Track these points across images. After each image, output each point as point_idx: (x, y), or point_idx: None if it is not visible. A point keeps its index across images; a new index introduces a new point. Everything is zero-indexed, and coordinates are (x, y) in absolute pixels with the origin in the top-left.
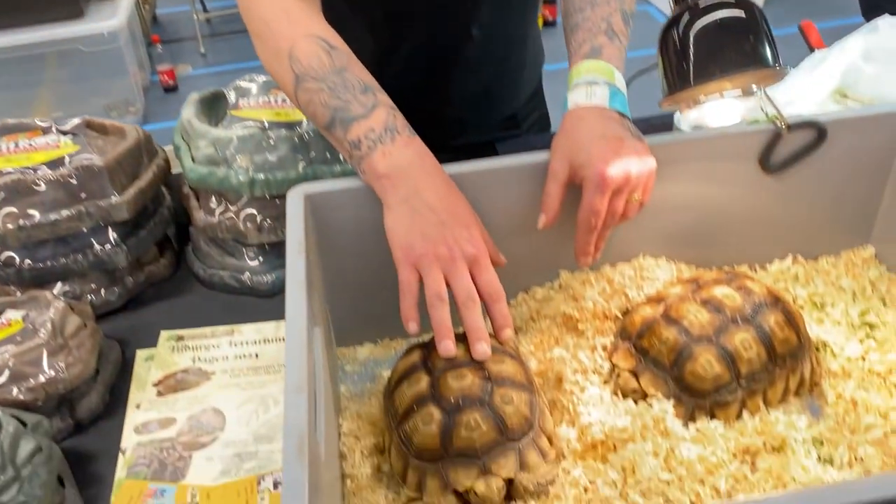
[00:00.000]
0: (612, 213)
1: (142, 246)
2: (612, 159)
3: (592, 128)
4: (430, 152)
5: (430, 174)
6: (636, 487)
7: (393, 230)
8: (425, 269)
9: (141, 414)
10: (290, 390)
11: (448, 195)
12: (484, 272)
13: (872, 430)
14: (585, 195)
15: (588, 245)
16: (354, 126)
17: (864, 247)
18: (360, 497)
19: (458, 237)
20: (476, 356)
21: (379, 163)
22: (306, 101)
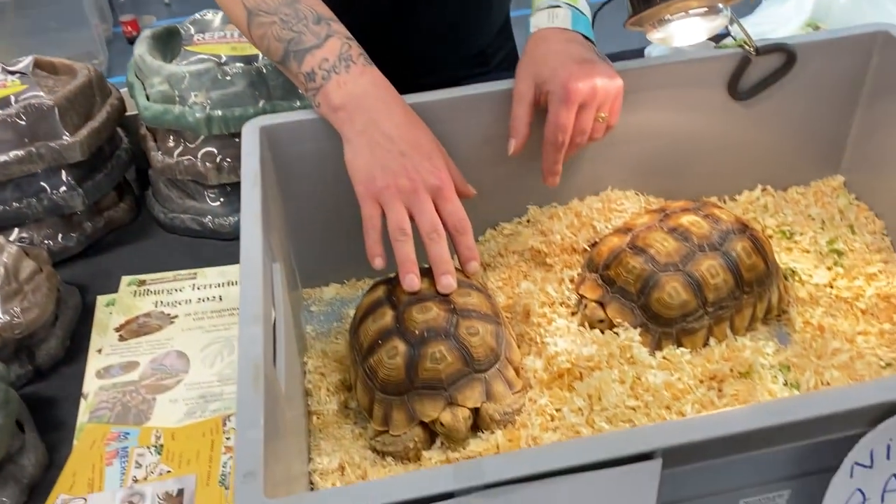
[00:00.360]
0: (579, 130)
1: (99, 189)
2: (578, 72)
3: (556, 48)
4: (386, 80)
5: (388, 103)
6: (602, 414)
7: (352, 164)
8: (387, 203)
9: (102, 359)
10: (244, 321)
11: (407, 124)
12: (448, 203)
13: (839, 354)
14: (551, 109)
15: (556, 164)
16: (308, 57)
17: (834, 176)
18: (327, 433)
19: (420, 168)
20: (441, 289)
21: (334, 94)
22: (259, 36)
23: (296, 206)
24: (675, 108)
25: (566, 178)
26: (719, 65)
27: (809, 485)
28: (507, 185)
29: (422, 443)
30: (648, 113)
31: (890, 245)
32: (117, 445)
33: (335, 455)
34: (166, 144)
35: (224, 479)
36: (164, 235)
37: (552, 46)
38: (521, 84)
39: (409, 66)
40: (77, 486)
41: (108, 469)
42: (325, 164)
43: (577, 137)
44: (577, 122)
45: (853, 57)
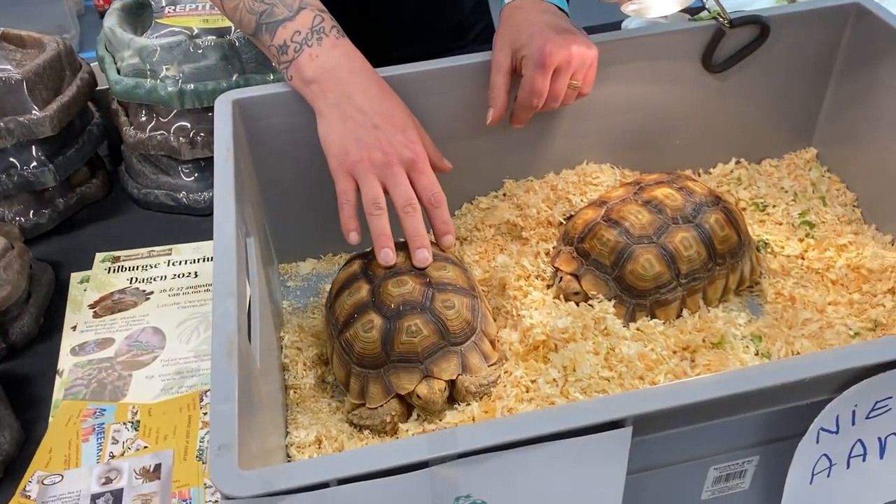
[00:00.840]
0: (552, 96)
1: (71, 165)
2: (554, 39)
3: (532, 17)
4: (359, 53)
5: (360, 75)
6: (577, 385)
7: (325, 138)
8: (361, 177)
9: (77, 335)
10: (218, 296)
11: (381, 97)
12: (422, 176)
13: (809, 324)
14: (526, 73)
15: (525, 119)
16: (280, 30)
17: (807, 149)
18: (304, 407)
19: (394, 141)
20: (416, 263)
21: (306, 67)
22: (232, 8)
23: (270, 180)
24: (650, 80)
25: (542, 151)
26: (693, 37)
27: (777, 451)
28: (483, 159)
29: (398, 416)
30: (623, 85)
31: (860, 217)
32: (94, 422)
33: (312, 429)
34: (138, 119)
35: (201, 453)
36: (137, 211)
37: (528, 15)
38: (498, 53)
39: (385, 39)
40: (53, 463)
41: (84, 445)
42: (300, 138)
43: (551, 103)
44: (550, 88)
45: (826, 29)
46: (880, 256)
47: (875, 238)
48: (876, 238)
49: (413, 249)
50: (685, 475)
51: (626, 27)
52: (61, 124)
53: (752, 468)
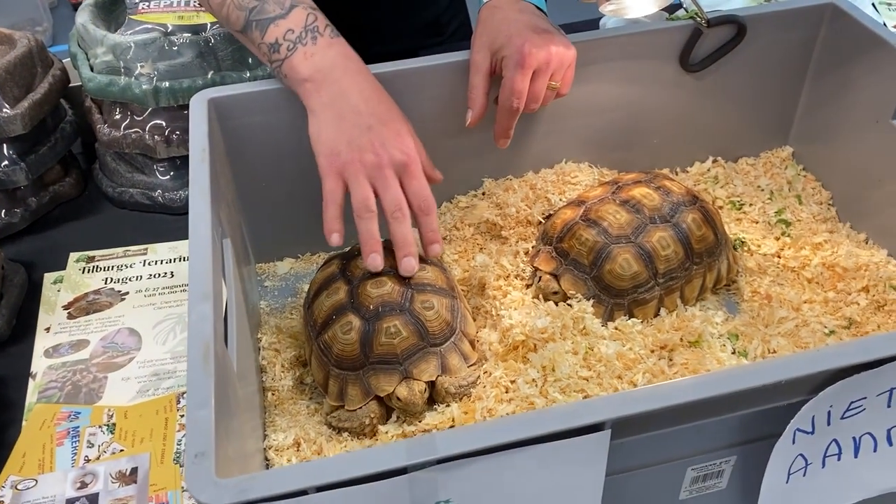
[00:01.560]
0: (532, 97)
1: (43, 163)
2: (533, 39)
3: (511, 16)
4: (354, 53)
5: (356, 76)
6: (556, 385)
7: (317, 137)
8: (351, 178)
9: (51, 337)
10: (194, 299)
11: (376, 97)
12: (414, 182)
13: (785, 323)
14: (506, 74)
15: (509, 129)
16: (272, 28)
17: (783, 147)
18: (282, 409)
19: (387, 143)
20: (403, 272)
21: (300, 65)
22: (219, 4)
23: (247, 180)
24: (628, 79)
25: (521, 150)
26: (671, 36)
27: (754, 451)
28: (463, 158)
29: (378, 418)
30: (601, 85)
31: (835, 215)
32: (68, 425)
33: (290, 431)
34: (112, 117)
35: (179, 456)
36: (112, 210)
37: (507, 15)
38: (476, 54)
39: (362, 34)
40: (27, 467)
41: (58, 449)
42: (277, 137)
43: (531, 104)
44: (531, 88)
45: (802, 29)
46: (854, 255)
47: (849, 236)
48: (850, 236)
49: (400, 258)
50: (663, 476)
51: (603, 25)
52: (33, 122)
53: (729, 468)
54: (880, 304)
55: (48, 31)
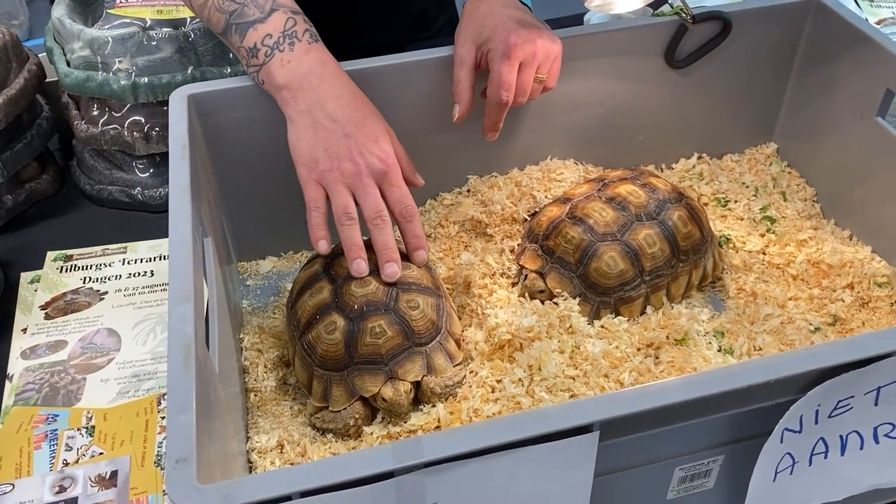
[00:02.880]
0: (520, 90)
1: (18, 160)
2: (519, 31)
3: (495, 10)
4: (332, 58)
5: (333, 82)
6: (542, 384)
7: (295, 146)
8: (331, 187)
9: (27, 338)
10: (174, 300)
11: (354, 105)
12: (394, 189)
13: (770, 320)
14: (493, 67)
15: (498, 122)
16: (251, 32)
17: (767, 144)
18: (265, 410)
19: (365, 151)
20: (386, 278)
21: (277, 72)
22: (200, 5)
23: (228, 177)
24: (614, 75)
25: (506, 147)
26: (657, 32)
27: (742, 450)
28: (447, 155)
29: (362, 418)
30: (587, 81)
31: (820, 212)
32: (46, 428)
33: (274, 433)
34: (90, 113)
35: (160, 459)
36: (91, 208)
37: (492, 9)
38: (461, 48)
39: (350, 27)
40: (4, 472)
41: (36, 453)
42: (259, 133)
43: (518, 97)
44: (517, 81)
45: (787, 25)
46: (839, 252)
47: (834, 233)
48: (835, 233)
49: (382, 263)
50: (651, 476)
51: (588, 21)
52: (8, 118)
53: (717, 468)
54: (865, 301)
55: (25, 25)
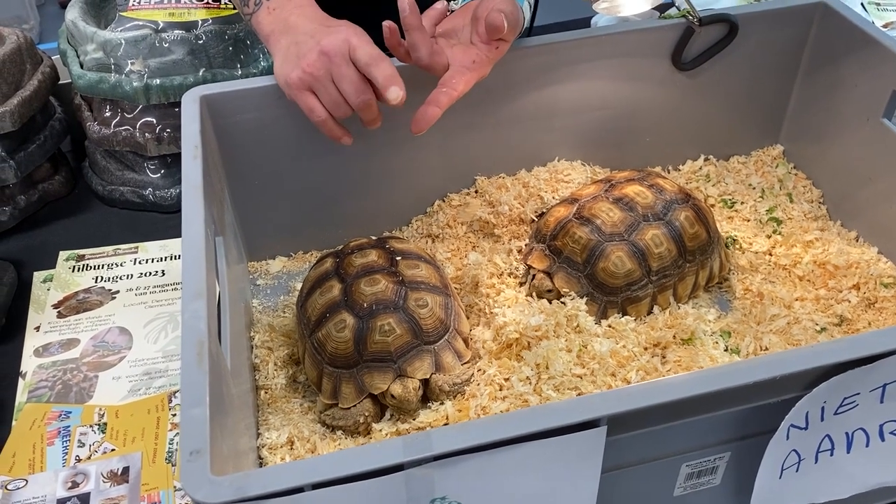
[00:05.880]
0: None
1: (32, 161)
2: None
3: None
4: (312, 3)
5: (311, 18)
6: (550, 383)
7: (276, 72)
8: (313, 86)
9: (41, 336)
10: (187, 297)
11: (325, 18)
12: (357, 50)
13: (777, 320)
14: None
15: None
16: None
17: (774, 146)
18: (275, 407)
19: (325, 37)
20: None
21: (264, 21)
22: None
23: (240, 177)
24: (621, 78)
25: (514, 148)
26: (663, 35)
27: (748, 447)
28: (455, 156)
29: (371, 416)
30: (594, 83)
31: (826, 213)
32: (59, 425)
33: (284, 429)
34: (103, 114)
35: (170, 455)
36: (102, 208)
37: None
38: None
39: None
40: (17, 468)
41: (49, 449)
42: (270, 134)
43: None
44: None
45: (793, 27)
46: (845, 253)
47: (840, 234)
48: (841, 234)
49: (381, 95)
50: (658, 472)
51: (595, 24)
52: (22, 119)
53: (723, 464)
54: (871, 302)
55: (35, 29)
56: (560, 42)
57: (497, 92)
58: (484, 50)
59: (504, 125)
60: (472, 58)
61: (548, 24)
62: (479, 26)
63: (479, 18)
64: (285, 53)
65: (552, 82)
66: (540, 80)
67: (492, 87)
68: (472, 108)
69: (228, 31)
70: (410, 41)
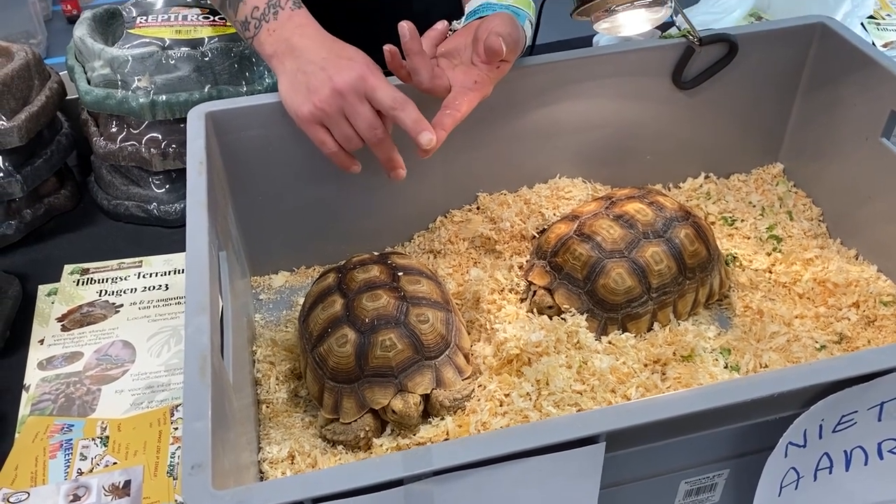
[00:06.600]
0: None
1: (38, 175)
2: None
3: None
4: (313, 21)
5: (313, 38)
6: (550, 399)
7: (285, 98)
8: (325, 121)
9: (44, 349)
10: (190, 311)
11: (331, 43)
12: (376, 91)
13: (776, 338)
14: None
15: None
16: (241, 6)
17: (774, 164)
18: (277, 422)
19: (337, 71)
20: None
21: (265, 42)
22: None
23: (243, 193)
24: (622, 96)
25: (515, 165)
26: (664, 54)
27: (747, 464)
28: (457, 172)
29: (372, 431)
30: (596, 101)
31: (826, 231)
32: (61, 437)
33: (285, 444)
34: (109, 129)
35: (172, 469)
36: (107, 222)
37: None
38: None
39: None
40: (20, 480)
41: (51, 462)
42: (273, 151)
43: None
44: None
45: (792, 47)
46: (845, 271)
47: (840, 252)
48: (841, 252)
49: (392, 169)
50: (657, 489)
51: (596, 43)
52: (29, 135)
53: (722, 481)
54: (871, 320)
55: (42, 44)
56: (562, 61)
57: (499, 110)
58: (485, 70)
59: (506, 142)
60: (473, 78)
61: (550, 42)
62: (479, 47)
63: (479, 40)
64: (292, 80)
65: (554, 101)
66: (542, 98)
67: (494, 104)
68: (474, 125)
69: (234, 48)
70: (411, 65)
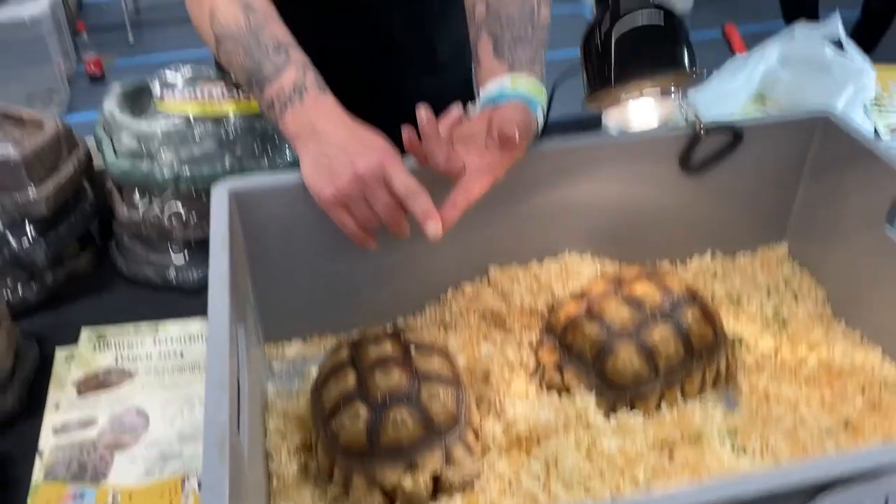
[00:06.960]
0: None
1: (62, 242)
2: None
3: None
4: (337, 106)
5: (336, 121)
6: (559, 480)
7: (307, 180)
8: (347, 204)
9: (60, 414)
10: (210, 388)
11: (353, 127)
12: (393, 177)
13: (783, 420)
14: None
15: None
16: (267, 87)
17: (779, 244)
18: (286, 496)
19: (358, 156)
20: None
21: (290, 124)
22: (227, 62)
23: (262, 265)
24: (630, 180)
25: (525, 240)
26: (671, 142)
27: None
28: (468, 245)
29: None
30: (605, 184)
31: (830, 313)
32: None
33: None
34: (132, 199)
35: None
36: (125, 287)
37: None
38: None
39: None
40: None
41: None
42: (294, 228)
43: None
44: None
45: (796, 138)
46: (850, 354)
47: (845, 334)
48: (846, 334)
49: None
50: None
51: (607, 124)
52: (57, 205)
53: None
54: (876, 405)
55: (65, 102)
56: (573, 148)
57: (511, 189)
58: (499, 155)
59: (517, 219)
60: (487, 161)
61: (561, 121)
62: (493, 133)
63: (493, 127)
64: (315, 163)
65: (565, 183)
66: (553, 180)
67: (506, 184)
68: (486, 202)
69: (257, 124)
70: (428, 149)
